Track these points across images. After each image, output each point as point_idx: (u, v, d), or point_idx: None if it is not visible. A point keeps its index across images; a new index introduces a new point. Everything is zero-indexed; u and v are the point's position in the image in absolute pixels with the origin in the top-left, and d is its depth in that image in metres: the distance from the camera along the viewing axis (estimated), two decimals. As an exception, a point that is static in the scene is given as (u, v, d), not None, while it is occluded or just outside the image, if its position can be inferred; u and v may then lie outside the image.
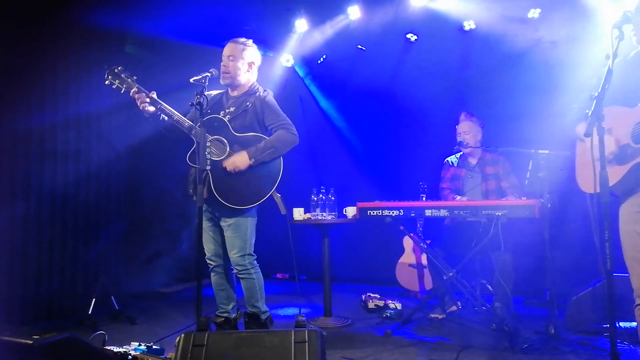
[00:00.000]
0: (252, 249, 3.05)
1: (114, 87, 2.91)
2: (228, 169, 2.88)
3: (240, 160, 2.89)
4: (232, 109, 3.06)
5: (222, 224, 3.02)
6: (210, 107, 3.07)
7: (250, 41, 3.12)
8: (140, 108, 2.90)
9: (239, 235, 2.98)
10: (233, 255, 2.99)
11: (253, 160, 2.90)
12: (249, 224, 3.02)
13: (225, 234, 3.03)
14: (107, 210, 4.43)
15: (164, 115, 2.94)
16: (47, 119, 3.90)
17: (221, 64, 3.04)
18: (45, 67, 3.90)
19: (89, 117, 4.26)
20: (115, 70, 2.92)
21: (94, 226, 4.30)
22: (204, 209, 3.03)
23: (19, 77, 3.71)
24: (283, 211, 3.10)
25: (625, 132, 2.23)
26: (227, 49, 3.06)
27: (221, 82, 3.05)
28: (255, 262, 3.07)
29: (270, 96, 3.11)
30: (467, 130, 3.94)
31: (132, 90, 2.90)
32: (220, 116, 3.02)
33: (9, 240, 3.60)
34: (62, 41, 4.01)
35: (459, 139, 3.96)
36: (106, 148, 4.43)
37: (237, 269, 3.02)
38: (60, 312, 3.96)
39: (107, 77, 2.91)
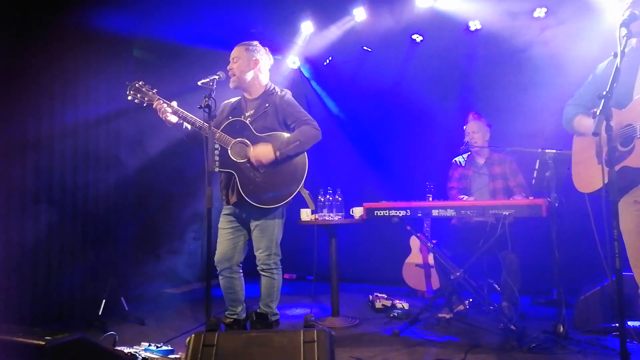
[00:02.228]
0: (279, 249, 3.08)
1: (136, 101, 2.95)
2: (253, 162, 2.90)
3: (263, 153, 2.90)
4: (251, 112, 3.08)
5: (251, 224, 3.05)
6: (230, 113, 3.12)
7: (255, 42, 3.15)
8: (163, 119, 2.94)
9: (266, 236, 3.01)
10: (259, 254, 3.03)
11: (278, 152, 2.90)
12: (277, 224, 3.04)
13: (252, 235, 3.06)
14: (116, 212, 4.46)
15: (186, 124, 2.98)
16: (57, 124, 3.93)
17: (227, 67, 3.07)
18: (55, 71, 3.93)
19: (97, 121, 4.29)
20: (137, 85, 2.96)
21: (103, 228, 4.33)
22: (227, 212, 3.09)
23: (28, 82, 3.74)
24: (312, 207, 3.13)
25: (615, 134, 2.24)
26: (232, 52, 3.11)
27: (230, 85, 3.08)
28: (280, 262, 3.10)
29: (289, 95, 3.13)
30: (476, 130, 3.95)
31: (154, 102, 2.93)
32: (241, 119, 3.04)
33: (20, 242, 3.64)
34: (70, 46, 4.04)
35: (467, 138, 3.96)
36: (115, 152, 4.46)
37: (261, 267, 3.05)
38: (70, 314, 3.99)
39: (129, 92, 2.95)
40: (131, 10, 4.23)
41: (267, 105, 3.05)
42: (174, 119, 2.94)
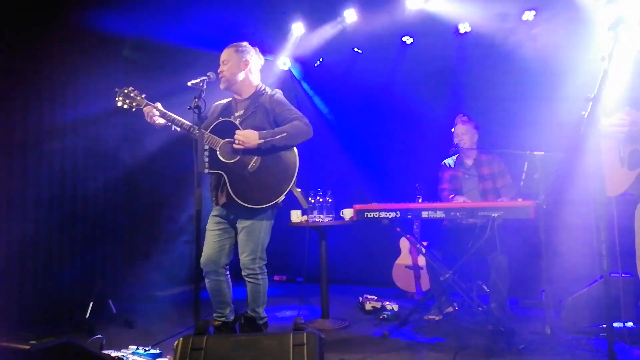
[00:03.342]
0: (264, 253, 3.03)
1: (125, 106, 2.98)
2: (236, 142, 2.86)
3: (248, 136, 2.85)
4: (241, 112, 3.05)
5: (238, 226, 3.00)
6: (221, 114, 3.10)
7: (244, 43, 3.12)
8: (150, 122, 2.96)
9: (251, 239, 2.96)
10: (243, 258, 2.97)
11: (262, 140, 2.85)
12: (264, 227, 2.98)
13: (238, 236, 3.01)
14: (104, 214, 4.42)
15: (175, 127, 2.96)
16: (45, 124, 3.89)
17: (218, 69, 3.05)
18: (44, 72, 3.89)
19: (87, 121, 4.25)
20: (125, 91, 2.99)
21: (91, 230, 4.29)
22: (215, 214, 3.06)
23: (17, 81, 3.70)
24: (304, 205, 3.10)
25: (637, 135, 2.23)
26: (222, 55, 3.09)
27: (221, 86, 3.06)
28: (265, 267, 3.04)
29: (279, 94, 3.09)
30: (465, 132, 3.97)
31: (142, 106, 2.96)
32: (230, 119, 3.02)
33: (6, 244, 3.59)
34: (60, 46, 4.00)
35: (455, 140, 3.98)
36: (104, 153, 4.42)
37: (245, 272, 2.99)
38: (57, 316, 3.94)
39: (118, 98, 2.98)
40: (121, 10, 4.19)
41: (256, 105, 3.03)
42: (162, 121, 2.96)
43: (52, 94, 3.97)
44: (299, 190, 3.01)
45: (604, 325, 2.43)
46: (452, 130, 4.07)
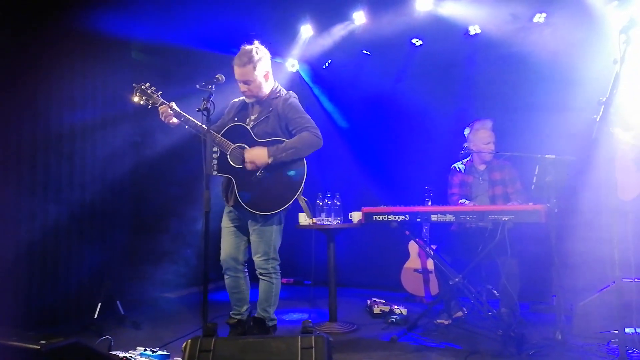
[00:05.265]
0: (277, 253, 3.07)
1: (141, 103, 2.98)
2: (246, 165, 2.89)
3: (258, 156, 2.87)
4: (255, 116, 3.06)
5: (249, 228, 3.04)
6: (237, 114, 3.11)
7: (256, 56, 2.96)
8: (165, 121, 2.98)
9: (263, 241, 3.00)
10: (257, 258, 3.03)
11: (272, 158, 2.87)
12: (274, 229, 3.02)
13: (250, 238, 3.05)
14: (112, 215, 4.43)
15: (188, 127, 2.97)
16: (53, 125, 3.91)
17: (239, 84, 3.02)
18: (52, 73, 3.91)
19: (94, 122, 4.27)
20: (143, 87, 2.99)
21: (99, 231, 4.30)
22: (229, 211, 3.10)
23: (25, 84, 3.72)
24: (309, 216, 3.11)
25: None
26: (238, 73, 2.97)
27: (246, 100, 3.08)
28: (278, 267, 3.08)
29: (292, 99, 3.07)
30: (492, 140, 3.89)
31: (157, 104, 2.97)
32: (243, 124, 3.03)
33: (14, 245, 3.61)
34: (68, 48, 4.02)
35: (482, 146, 3.88)
36: (112, 154, 4.44)
37: (259, 271, 3.04)
38: (65, 317, 3.95)
39: (136, 94, 2.98)
40: (130, 12, 4.21)
41: (270, 109, 3.03)
42: (176, 121, 2.99)
43: (60, 96, 3.97)
44: (305, 199, 3.03)
45: (616, 331, 2.40)
46: (467, 133, 3.98)
